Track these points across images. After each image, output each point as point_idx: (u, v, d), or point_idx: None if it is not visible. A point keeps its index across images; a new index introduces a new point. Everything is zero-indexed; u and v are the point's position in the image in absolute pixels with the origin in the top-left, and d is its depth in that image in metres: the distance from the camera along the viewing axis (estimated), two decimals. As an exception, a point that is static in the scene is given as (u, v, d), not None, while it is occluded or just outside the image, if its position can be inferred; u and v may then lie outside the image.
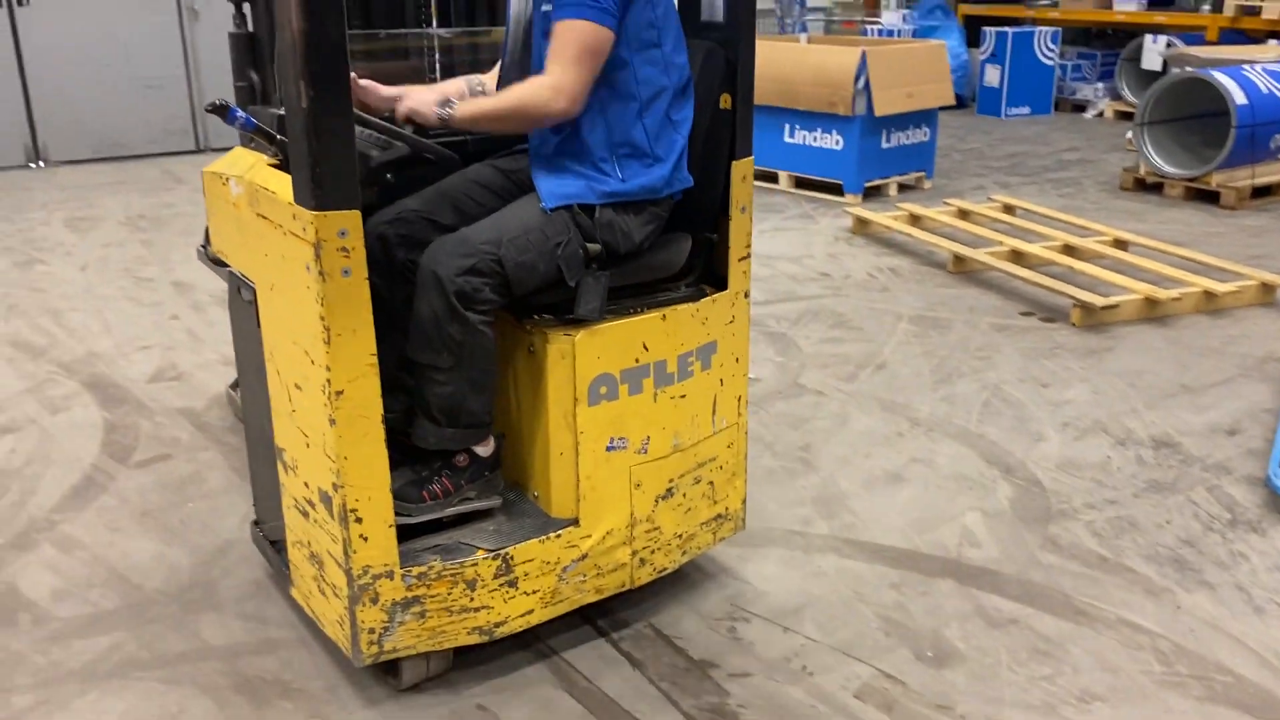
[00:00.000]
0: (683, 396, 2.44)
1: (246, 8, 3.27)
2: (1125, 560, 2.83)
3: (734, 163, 2.47)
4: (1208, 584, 2.73)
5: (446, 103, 2.21)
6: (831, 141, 6.97)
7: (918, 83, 6.97)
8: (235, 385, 3.47)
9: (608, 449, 2.34)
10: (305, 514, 2.25)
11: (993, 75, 10.58)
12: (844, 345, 4.40)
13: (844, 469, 3.34)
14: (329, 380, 1.99)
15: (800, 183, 7.27)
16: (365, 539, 2.09)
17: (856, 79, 6.66)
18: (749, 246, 2.55)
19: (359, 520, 2.07)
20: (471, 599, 2.23)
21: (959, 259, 5.37)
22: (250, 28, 3.16)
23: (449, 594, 2.20)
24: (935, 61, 7.17)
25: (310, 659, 2.42)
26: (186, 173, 7.94)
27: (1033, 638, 2.51)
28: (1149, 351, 4.32)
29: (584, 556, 2.36)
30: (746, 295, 2.56)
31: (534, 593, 2.32)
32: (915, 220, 6.11)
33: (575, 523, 2.34)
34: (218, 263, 2.62)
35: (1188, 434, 3.58)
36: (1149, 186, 7.12)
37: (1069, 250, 5.42)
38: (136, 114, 8.41)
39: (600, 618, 2.56)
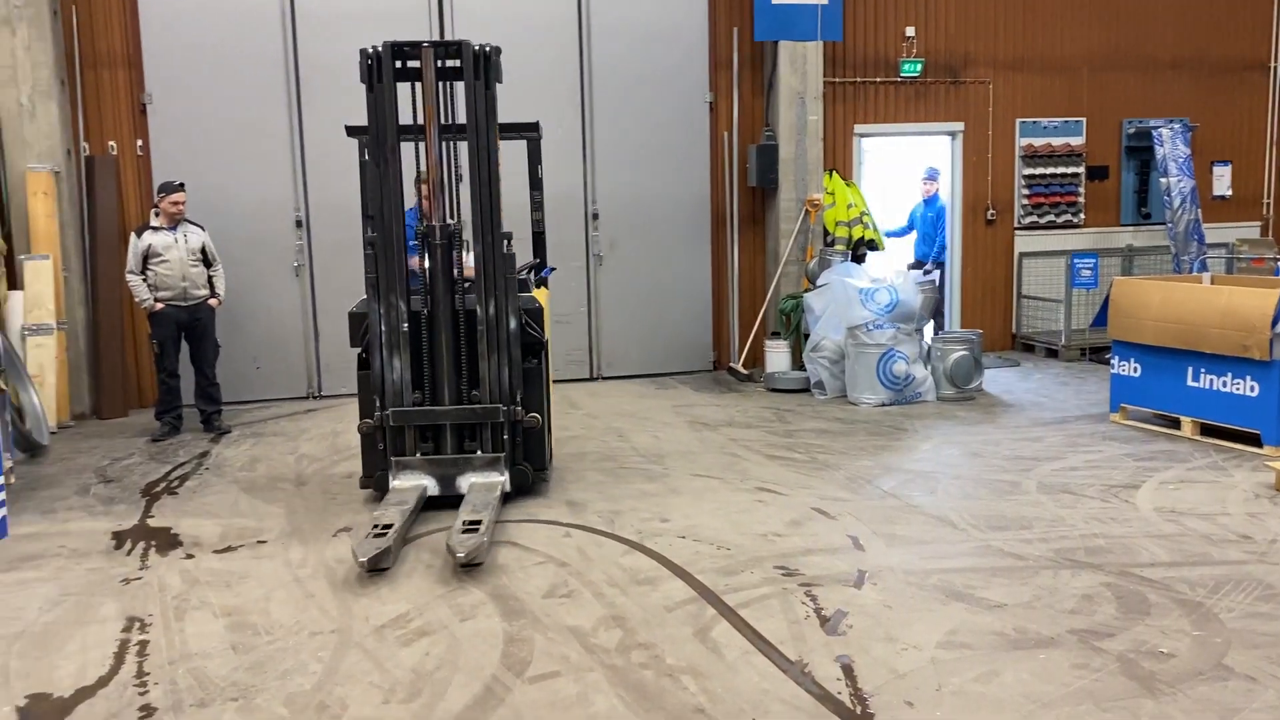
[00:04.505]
0: None
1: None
2: None
3: None
4: None
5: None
6: (1245, 387, 6.36)
7: (1351, 326, 6.25)
8: None
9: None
10: None
11: None
12: (1278, 623, 3.84)
13: (1290, 777, 2.86)
14: None
15: (1206, 429, 6.65)
16: None
17: (1275, 322, 6.10)
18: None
19: None
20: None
21: None
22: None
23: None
24: (1372, 303, 6.41)
25: None
26: (580, 398, 8.71)
27: None
28: None
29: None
30: None
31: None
32: (1357, 480, 5.35)
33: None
34: None
35: None
36: None
37: None
38: (546, 344, 9.41)
39: None
